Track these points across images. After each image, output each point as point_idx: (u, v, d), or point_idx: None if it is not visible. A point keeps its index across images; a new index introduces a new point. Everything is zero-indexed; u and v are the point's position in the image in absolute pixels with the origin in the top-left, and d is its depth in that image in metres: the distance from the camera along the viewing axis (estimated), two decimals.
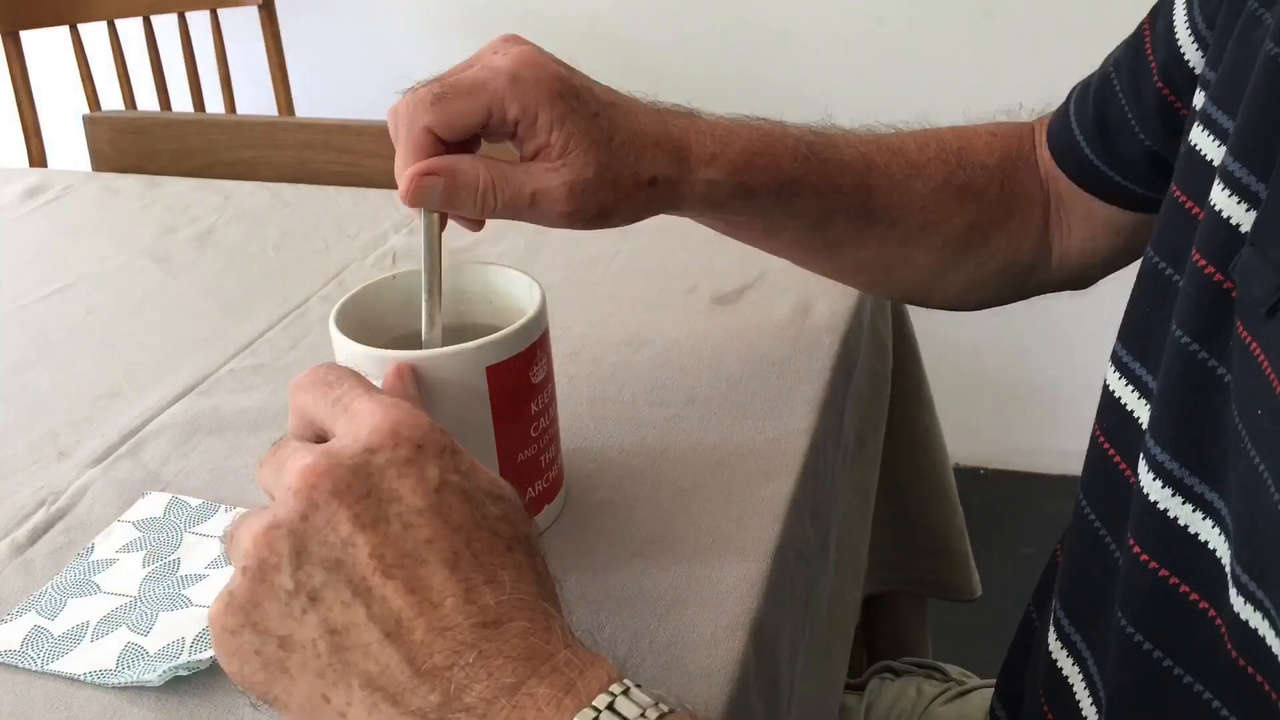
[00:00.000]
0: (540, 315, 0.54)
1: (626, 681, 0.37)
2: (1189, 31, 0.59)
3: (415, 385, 0.49)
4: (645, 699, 0.37)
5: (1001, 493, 1.98)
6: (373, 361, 0.51)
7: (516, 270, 0.58)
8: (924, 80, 1.80)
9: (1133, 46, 0.65)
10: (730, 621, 0.52)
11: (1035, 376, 1.95)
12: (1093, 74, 0.69)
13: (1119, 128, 0.65)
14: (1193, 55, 0.59)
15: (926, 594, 1.00)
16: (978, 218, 0.69)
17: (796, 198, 0.64)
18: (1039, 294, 0.75)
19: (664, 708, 0.37)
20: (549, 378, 0.56)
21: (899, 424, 0.90)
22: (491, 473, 0.42)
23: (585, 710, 0.36)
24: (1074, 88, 0.70)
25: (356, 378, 0.43)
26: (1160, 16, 0.62)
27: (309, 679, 0.38)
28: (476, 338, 0.52)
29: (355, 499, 0.38)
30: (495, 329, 0.52)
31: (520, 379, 0.53)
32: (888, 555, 0.92)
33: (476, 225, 0.59)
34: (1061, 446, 1.92)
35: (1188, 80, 0.59)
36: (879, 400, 0.86)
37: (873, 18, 1.79)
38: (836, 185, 0.65)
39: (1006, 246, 0.71)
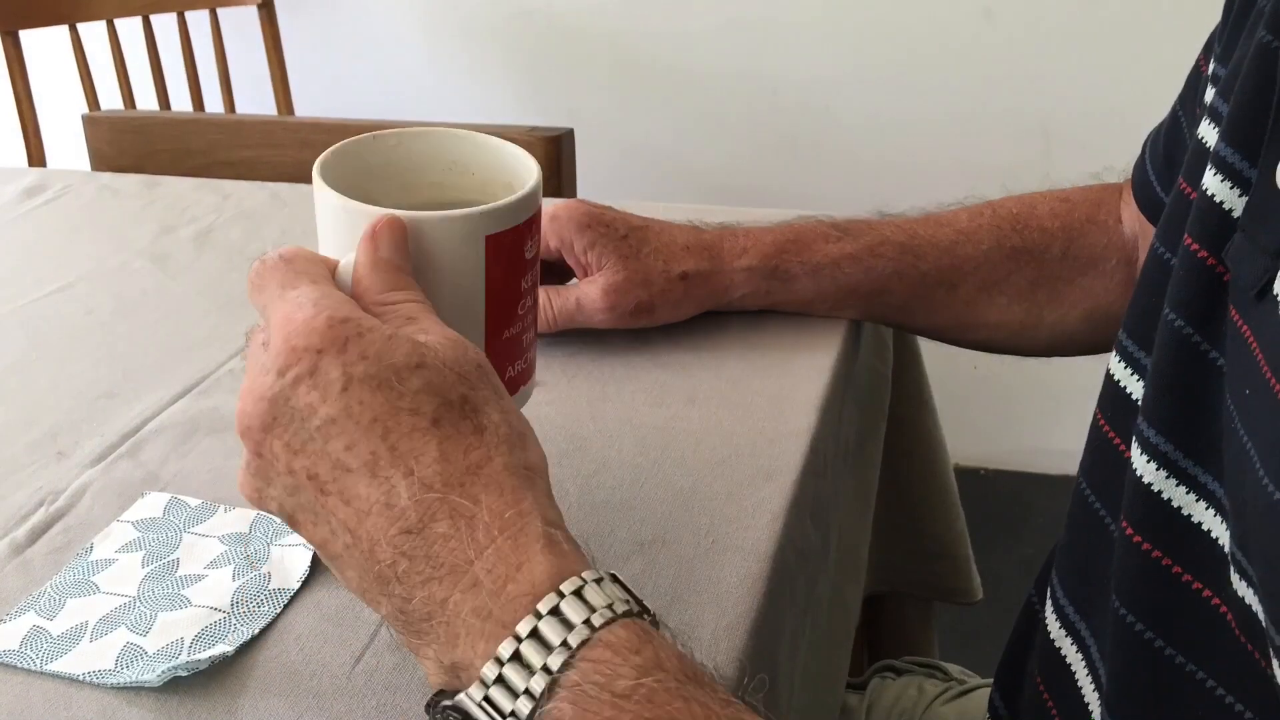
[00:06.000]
0: (538, 189, 0.51)
1: (553, 597, 0.37)
2: (1217, 44, 0.59)
3: (393, 248, 0.46)
4: (571, 617, 0.36)
5: (1001, 493, 1.98)
6: (362, 219, 0.47)
7: (512, 144, 0.54)
8: (924, 80, 1.80)
9: (1190, 80, 0.66)
10: (730, 622, 0.52)
11: (1035, 376, 1.95)
12: (1165, 117, 0.70)
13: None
14: (1212, 66, 0.59)
15: (928, 597, 1.00)
16: (1039, 275, 0.73)
17: (838, 270, 0.72)
18: None
19: (590, 629, 0.36)
20: (538, 257, 0.53)
21: (899, 425, 0.90)
22: (413, 340, 0.41)
23: (506, 641, 0.36)
24: (1150, 133, 0.71)
25: (277, 275, 0.44)
26: (1211, 48, 0.63)
27: (338, 573, 0.42)
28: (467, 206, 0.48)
29: (282, 429, 0.40)
30: (484, 201, 0.49)
31: (516, 252, 0.50)
32: (888, 558, 0.92)
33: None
34: (1062, 446, 1.91)
35: None
36: (879, 401, 0.86)
37: (873, 17, 1.79)
38: (876, 252, 0.72)
39: (1085, 300, 0.74)
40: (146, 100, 1.81)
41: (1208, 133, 0.53)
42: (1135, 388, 0.54)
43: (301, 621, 0.53)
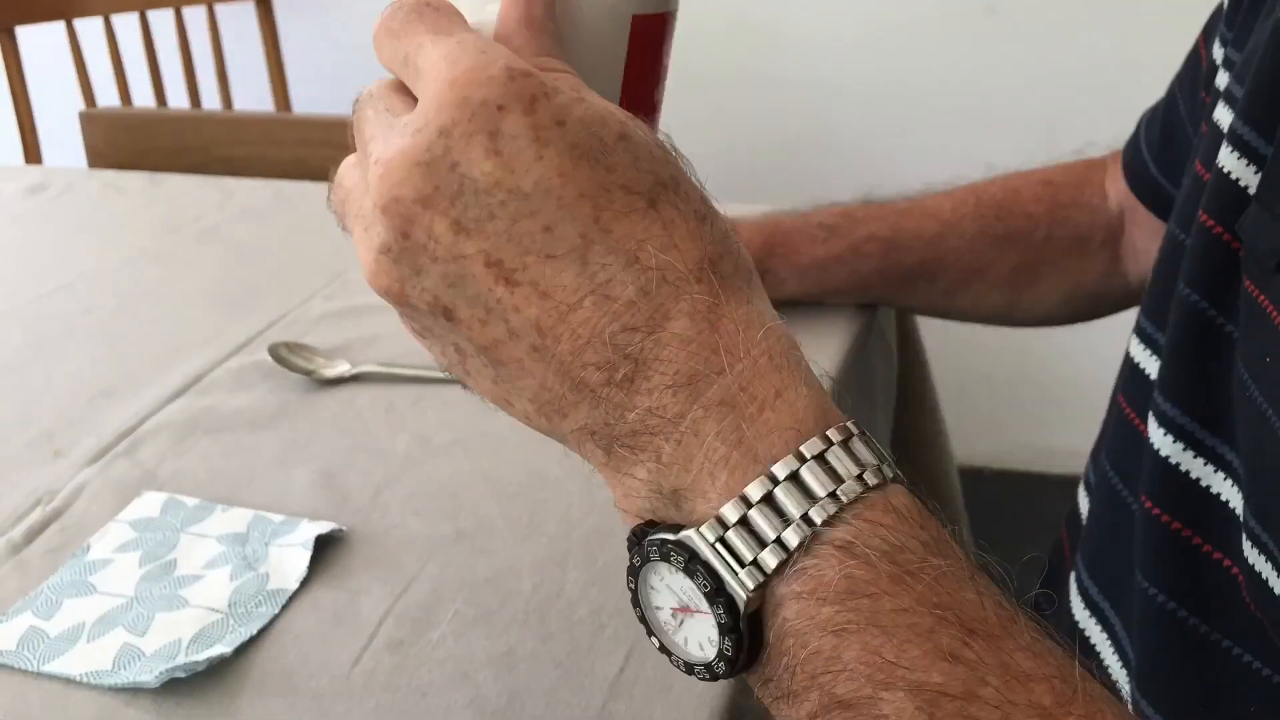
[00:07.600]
0: None
1: (819, 442, 0.31)
2: (1228, 30, 0.60)
3: (544, 7, 0.38)
4: (840, 468, 0.31)
5: (1005, 493, 1.98)
6: None
7: None
8: (926, 78, 1.80)
9: (1190, 63, 0.66)
10: None
11: (1040, 375, 1.95)
12: (1162, 98, 0.70)
13: (1182, 144, 0.66)
14: (1218, 52, 0.60)
15: None
16: (1021, 260, 0.74)
17: (824, 273, 0.74)
18: (1124, 309, 0.78)
19: (864, 486, 0.31)
20: (665, 76, 0.47)
21: (904, 431, 0.89)
22: (604, 104, 0.34)
23: (758, 481, 0.31)
24: (1145, 112, 0.72)
25: (427, 18, 0.35)
26: (1212, 30, 0.63)
27: (487, 385, 0.35)
28: None
29: (447, 203, 0.32)
30: None
31: (655, 49, 0.44)
32: None
33: None
34: (1067, 446, 1.91)
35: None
36: (884, 405, 0.85)
37: (874, 14, 1.79)
38: (861, 251, 0.74)
39: (1065, 283, 0.75)
40: (143, 97, 1.80)
41: (1223, 116, 0.53)
42: (1152, 366, 0.55)
43: (299, 622, 0.53)
